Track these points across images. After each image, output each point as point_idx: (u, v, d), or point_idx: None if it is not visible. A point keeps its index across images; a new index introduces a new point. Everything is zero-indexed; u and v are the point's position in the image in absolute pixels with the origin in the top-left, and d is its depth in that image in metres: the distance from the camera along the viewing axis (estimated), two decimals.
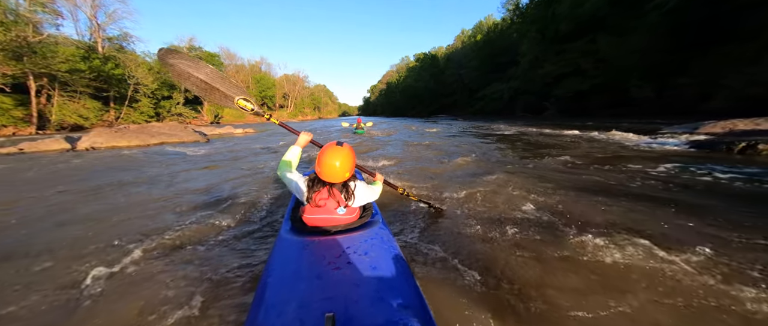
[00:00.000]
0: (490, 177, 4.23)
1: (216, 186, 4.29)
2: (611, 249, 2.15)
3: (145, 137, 10.63)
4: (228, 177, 4.87)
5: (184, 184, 4.54)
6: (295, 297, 1.12)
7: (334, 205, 1.62)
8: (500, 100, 35.66)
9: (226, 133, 17.30)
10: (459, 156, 6.23)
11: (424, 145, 8.76)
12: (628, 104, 19.46)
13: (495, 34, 44.24)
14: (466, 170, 4.89)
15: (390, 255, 1.41)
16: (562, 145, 7.31)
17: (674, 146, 6.04)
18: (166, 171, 5.56)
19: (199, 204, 3.46)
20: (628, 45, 18.64)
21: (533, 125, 16.27)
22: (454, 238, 2.47)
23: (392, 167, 5.41)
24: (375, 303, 1.09)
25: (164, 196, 3.86)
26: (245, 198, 3.60)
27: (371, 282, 1.20)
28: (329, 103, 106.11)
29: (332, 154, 1.58)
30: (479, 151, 7.19)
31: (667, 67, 16.81)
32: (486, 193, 3.47)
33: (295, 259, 1.39)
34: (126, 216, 3.14)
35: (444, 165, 5.35)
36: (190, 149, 8.99)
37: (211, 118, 45.20)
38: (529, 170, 4.70)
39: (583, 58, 22.16)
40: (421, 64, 71.91)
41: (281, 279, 1.24)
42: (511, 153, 6.51)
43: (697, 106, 15.11)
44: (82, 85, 25.44)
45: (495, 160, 5.68)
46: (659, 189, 3.53)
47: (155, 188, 4.35)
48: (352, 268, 1.28)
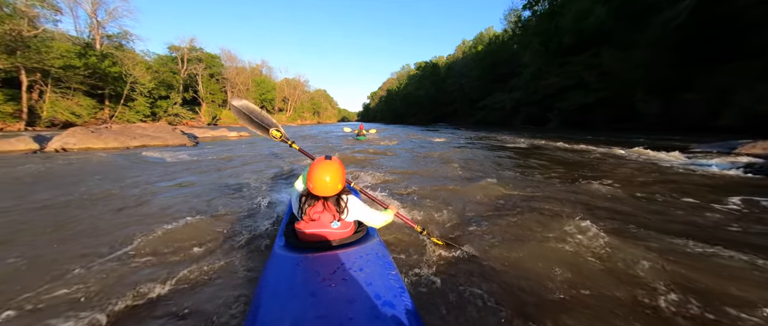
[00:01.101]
0: (528, 206, 3.43)
1: (175, 214, 3.27)
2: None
3: (124, 139, 9.82)
4: (196, 202, 3.73)
5: (134, 209, 3.49)
6: (289, 315, 1.10)
7: (328, 219, 1.63)
8: (501, 111, 35.48)
9: (220, 135, 16.66)
10: (479, 173, 5.43)
11: (433, 157, 8.04)
12: (633, 119, 19.21)
13: (496, 45, 44.44)
14: (492, 193, 4.04)
15: (385, 271, 1.39)
16: (592, 165, 6.44)
17: (724, 170, 5.36)
18: (129, 185, 4.62)
19: (127, 257, 2.31)
20: (634, 59, 18.48)
21: (541, 137, 15.54)
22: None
23: (401, 183, 4.71)
24: (370, 320, 1.08)
25: (95, 229, 2.90)
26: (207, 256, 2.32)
27: (366, 300, 1.18)
28: (329, 108, 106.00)
29: (322, 169, 1.59)
30: (500, 167, 6.35)
31: (674, 83, 16.61)
32: (531, 231, 2.72)
33: (288, 275, 1.36)
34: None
35: (464, 185, 4.48)
36: (172, 154, 8.16)
37: (209, 119, 44.66)
38: (569, 197, 3.81)
39: (587, 71, 22.01)
40: (422, 72, 72.19)
41: (274, 296, 1.23)
42: (539, 173, 5.60)
43: (706, 123, 14.83)
44: (76, 82, 24.89)
45: (524, 182, 4.86)
46: (753, 234, 2.72)
47: (92, 211, 3.40)
48: (346, 285, 1.27)
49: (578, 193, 4.09)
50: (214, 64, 49.44)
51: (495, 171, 5.92)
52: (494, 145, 11.72)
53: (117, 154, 8.31)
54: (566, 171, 5.81)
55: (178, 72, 42.26)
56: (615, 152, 8.31)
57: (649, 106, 17.23)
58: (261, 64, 65.09)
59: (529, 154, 8.51)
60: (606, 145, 10.35)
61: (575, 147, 10.21)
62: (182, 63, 43.55)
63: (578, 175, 5.26)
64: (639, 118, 18.83)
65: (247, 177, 5.27)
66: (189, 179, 5.20)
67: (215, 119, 46.11)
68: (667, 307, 1.70)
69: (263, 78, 61.78)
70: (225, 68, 52.01)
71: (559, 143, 11.62)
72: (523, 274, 2.06)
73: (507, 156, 8.27)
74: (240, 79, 53.41)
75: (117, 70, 28.58)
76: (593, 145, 10.77)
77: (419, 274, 2.08)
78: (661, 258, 2.21)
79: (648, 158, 7.08)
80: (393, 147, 10.78)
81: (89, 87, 26.39)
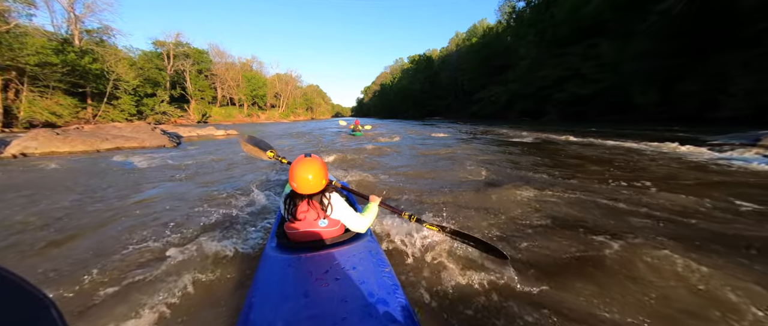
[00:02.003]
0: (572, 216, 2.92)
1: (118, 245, 2.50)
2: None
3: (95, 141, 8.85)
4: (153, 231, 2.82)
5: (63, 245, 2.60)
6: (281, 316, 1.10)
7: (314, 216, 1.63)
8: (497, 103, 35.18)
9: (206, 134, 15.84)
10: (499, 176, 4.78)
11: (442, 155, 7.31)
12: (631, 110, 19.05)
13: (491, 37, 43.95)
14: (522, 200, 3.50)
15: (378, 269, 1.37)
16: (617, 162, 5.73)
17: (765, 165, 4.97)
18: (70, 205, 3.67)
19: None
20: (632, 49, 18.24)
21: (544, 131, 14.78)
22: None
23: (418, 190, 4.06)
24: (363, 319, 1.07)
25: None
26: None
27: (359, 298, 1.17)
28: (322, 104, 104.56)
29: (303, 167, 1.61)
30: (517, 166, 5.59)
31: (673, 72, 16.42)
32: (572, 248, 2.28)
33: (281, 276, 1.36)
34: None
35: (487, 190, 3.86)
36: (147, 158, 7.26)
37: (199, 117, 43.40)
38: (615, 204, 3.24)
39: (584, 62, 21.73)
40: (415, 66, 71.47)
41: (267, 298, 1.22)
42: (564, 173, 4.93)
43: (706, 113, 14.69)
44: (54, 80, 23.64)
45: (554, 185, 4.13)
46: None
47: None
48: (339, 284, 1.26)
49: (621, 198, 3.50)
50: (202, 60, 47.89)
51: (515, 171, 5.26)
52: (500, 140, 11.21)
53: (84, 158, 7.51)
54: (594, 169, 5.22)
55: (164, 69, 40.79)
56: (631, 146, 7.79)
57: (648, 96, 17.04)
58: (251, 60, 63.48)
59: (541, 150, 7.95)
60: (616, 138, 9.86)
61: (586, 141, 9.67)
62: (168, 59, 42.03)
63: (608, 175, 4.70)
64: (637, 109, 18.68)
65: (232, 185, 4.62)
66: (159, 191, 4.38)
67: (205, 117, 44.83)
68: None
69: (254, 73, 60.25)
70: (214, 64, 50.47)
71: (568, 137, 11.05)
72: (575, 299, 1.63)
73: (519, 152, 7.69)
74: (230, 75, 51.94)
75: (98, 67, 27.29)
76: (601, 137, 10.31)
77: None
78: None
79: (675, 153, 6.55)
80: (395, 144, 10.16)
81: (69, 85, 25.15)
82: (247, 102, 57.20)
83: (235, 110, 52.74)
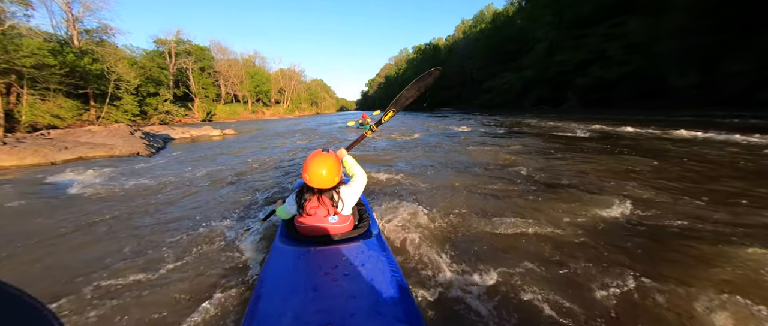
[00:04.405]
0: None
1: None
2: None
3: (50, 151, 7.41)
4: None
5: None
6: (290, 310, 1.09)
7: (324, 213, 1.63)
8: (510, 92, 33.47)
9: (201, 135, 14.66)
10: (581, 189, 3.33)
11: (480, 157, 5.73)
12: (663, 94, 17.42)
13: (502, 21, 41.79)
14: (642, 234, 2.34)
15: (386, 266, 1.37)
16: (727, 164, 4.36)
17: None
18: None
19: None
20: (666, 26, 16.53)
21: (585, 120, 12.60)
22: None
23: (475, 218, 2.84)
24: (371, 316, 1.06)
25: None
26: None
27: (367, 295, 1.17)
28: (327, 98, 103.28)
29: (319, 161, 1.62)
30: (601, 175, 4.02)
31: (715, 50, 14.74)
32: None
33: (289, 270, 1.36)
34: None
35: (580, 216, 2.65)
36: (101, 174, 5.69)
37: (203, 116, 42.83)
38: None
39: (610, 43, 20.00)
40: (421, 56, 69.52)
41: (275, 291, 1.22)
42: (681, 187, 3.48)
43: (754, 95, 13.11)
44: (54, 82, 23.10)
45: (681, 206, 2.92)
46: None
47: None
48: (347, 280, 1.25)
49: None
50: (204, 57, 47.09)
51: (601, 183, 3.70)
52: (540, 133, 9.52)
53: (26, 174, 6.01)
54: (727, 181, 3.65)
55: (166, 67, 40.13)
56: (711, 137, 6.17)
57: (686, 78, 15.41)
58: (254, 55, 62.43)
59: (615, 147, 6.00)
60: (691, 128, 7.63)
61: (659, 133, 7.57)
62: (170, 57, 41.32)
63: (744, 191, 3.12)
64: (670, 92, 17.05)
65: (174, 236, 2.78)
66: (59, 240, 2.78)
67: (210, 115, 44.25)
68: None
69: (257, 69, 59.28)
70: (216, 61, 49.65)
71: (627, 128, 8.91)
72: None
73: (585, 151, 5.80)
74: (233, 72, 51.10)
75: (98, 68, 26.71)
76: (672, 126, 8.27)
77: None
78: None
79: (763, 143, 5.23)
80: (415, 142, 8.77)
81: (70, 87, 24.64)
82: (251, 98, 56.46)
83: (239, 107, 52.11)
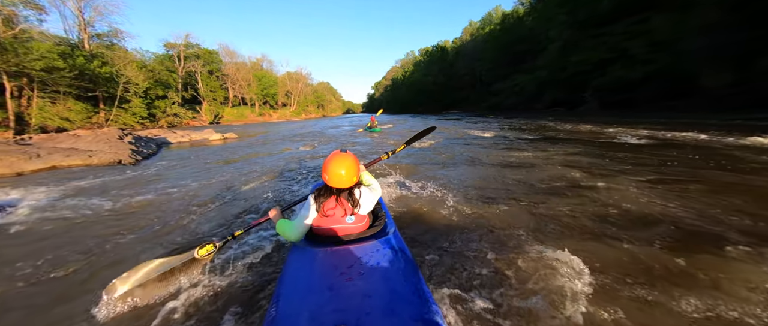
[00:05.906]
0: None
1: None
2: None
3: (19, 160, 6.67)
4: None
5: None
6: (307, 309, 1.10)
7: (341, 213, 1.64)
8: (521, 94, 32.49)
9: (201, 139, 13.87)
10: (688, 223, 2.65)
11: (524, 171, 4.95)
12: (691, 94, 16.36)
13: (512, 22, 40.91)
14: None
15: (403, 265, 1.36)
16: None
17: None
18: None
19: None
20: (695, 22, 15.53)
21: (625, 124, 11.39)
22: None
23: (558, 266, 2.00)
24: (387, 316, 1.05)
25: None
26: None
27: (383, 294, 1.17)
28: (333, 101, 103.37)
29: (338, 162, 1.63)
30: (690, 199, 3.28)
31: (751, 46, 13.71)
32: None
33: (307, 270, 1.38)
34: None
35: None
36: (56, 192, 4.80)
37: (211, 118, 42.91)
38: None
39: (631, 41, 19.02)
40: (429, 58, 68.85)
41: (294, 290, 1.24)
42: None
43: None
44: (64, 85, 23.14)
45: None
46: None
47: None
48: (364, 279, 1.25)
49: None
50: (212, 60, 47.35)
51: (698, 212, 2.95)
52: (580, 139, 8.46)
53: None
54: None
55: (175, 70, 40.37)
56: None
57: (721, 77, 14.37)
58: (261, 59, 62.71)
59: (707, 160, 5.05)
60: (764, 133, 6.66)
61: (732, 140, 6.57)
62: (179, 60, 41.58)
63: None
64: (699, 92, 15.99)
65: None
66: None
67: (218, 117, 44.32)
68: None
69: (264, 72, 59.48)
70: (224, 64, 49.89)
71: (686, 134, 7.81)
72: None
73: (655, 165, 4.87)
74: (240, 75, 51.27)
75: (108, 71, 26.77)
76: (740, 131, 7.27)
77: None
78: None
79: None
80: (434, 149, 7.91)
81: (80, 90, 24.69)
82: (259, 101, 56.56)
83: (247, 110, 52.20)
